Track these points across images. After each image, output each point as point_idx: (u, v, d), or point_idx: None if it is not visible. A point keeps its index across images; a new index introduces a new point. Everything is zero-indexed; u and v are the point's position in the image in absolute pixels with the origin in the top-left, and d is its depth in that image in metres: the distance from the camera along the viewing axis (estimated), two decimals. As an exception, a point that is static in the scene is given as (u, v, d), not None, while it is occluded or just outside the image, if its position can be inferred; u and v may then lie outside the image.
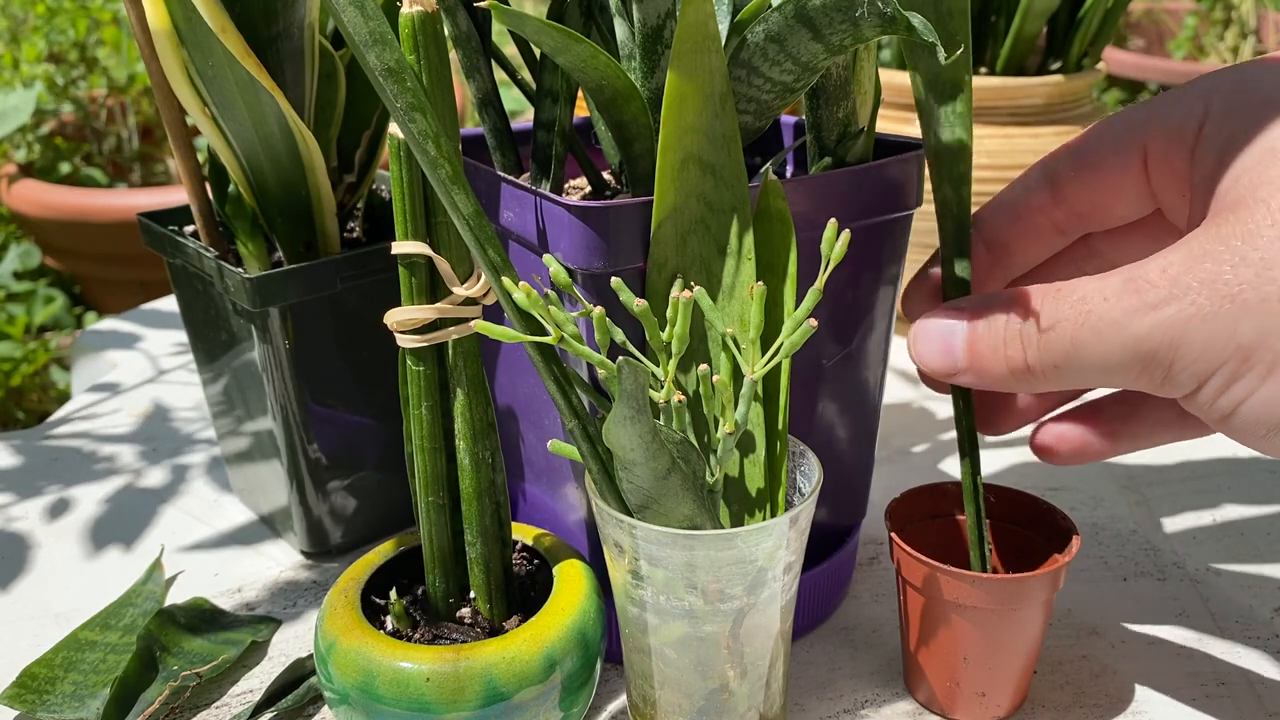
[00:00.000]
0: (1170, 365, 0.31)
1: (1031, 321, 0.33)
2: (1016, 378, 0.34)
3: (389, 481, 0.54)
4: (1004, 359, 0.34)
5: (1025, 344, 0.33)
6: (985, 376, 0.35)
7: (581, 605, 0.37)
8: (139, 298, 1.26)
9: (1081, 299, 0.32)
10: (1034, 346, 0.33)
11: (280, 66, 0.45)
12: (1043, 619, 0.40)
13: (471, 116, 1.65)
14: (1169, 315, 0.30)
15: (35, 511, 0.59)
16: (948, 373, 0.35)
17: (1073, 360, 0.32)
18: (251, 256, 0.50)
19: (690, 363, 0.36)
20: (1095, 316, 0.31)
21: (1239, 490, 0.58)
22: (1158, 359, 0.31)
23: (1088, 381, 0.33)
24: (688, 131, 0.34)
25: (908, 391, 0.72)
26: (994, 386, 0.35)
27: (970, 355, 0.35)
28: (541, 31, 0.32)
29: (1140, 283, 0.31)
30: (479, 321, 0.34)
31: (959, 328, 0.35)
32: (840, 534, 0.48)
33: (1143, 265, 0.31)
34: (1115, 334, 0.31)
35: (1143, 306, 0.31)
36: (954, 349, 0.35)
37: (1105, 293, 0.31)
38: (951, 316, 0.35)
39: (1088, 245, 0.40)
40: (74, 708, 0.42)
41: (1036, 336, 0.33)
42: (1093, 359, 0.32)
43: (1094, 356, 0.32)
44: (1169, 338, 0.30)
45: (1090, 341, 0.32)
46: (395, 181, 0.34)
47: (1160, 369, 0.31)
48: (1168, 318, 0.30)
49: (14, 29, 1.67)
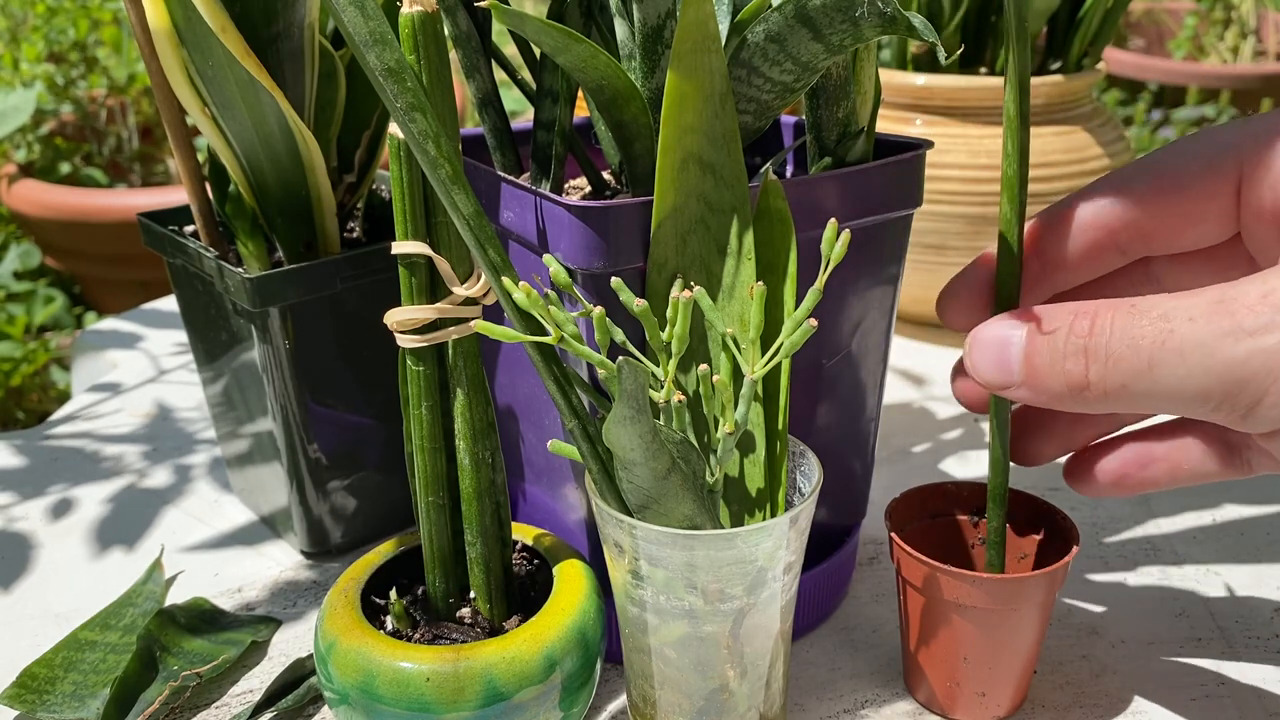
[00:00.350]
0: (1261, 399, 0.29)
1: (1101, 336, 0.31)
2: (1074, 395, 0.32)
3: (389, 481, 0.54)
4: (1062, 374, 0.32)
5: (1090, 359, 0.31)
6: (1041, 392, 0.32)
7: (581, 605, 0.37)
8: (139, 298, 1.26)
9: (1163, 316, 0.30)
10: (1100, 363, 0.31)
11: (280, 66, 0.45)
12: (1043, 619, 0.40)
13: (471, 116, 1.65)
14: (1269, 344, 0.28)
15: (36, 512, 0.59)
16: (1002, 385, 0.33)
17: (1144, 381, 0.30)
18: (251, 256, 0.50)
19: (690, 363, 0.36)
20: (1179, 337, 0.29)
21: (1239, 490, 0.58)
22: (1247, 390, 0.29)
23: (1152, 406, 0.31)
24: (688, 131, 0.34)
25: (908, 391, 0.72)
26: (1048, 403, 0.33)
27: (1027, 369, 0.33)
28: (541, 31, 0.32)
29: (1235, 305, 0.29)
30: (479, 321, 0.34)
31: (1017, 338, 0.33)
32: (840, 534, 0.48)
33: (1237, 285, 0.29)
34: (1201, 358, 0.29)
35: (1238, 331, 0.28)
36: (1009, 361, 0.33)
37: (1192, 312, 0.29)
38: (1010, 326, 0.33)
39: (1145, 269, 0.38)
40: (74, 708, 0.42)
41: (1105, 352, 0.31)
42: (1169, 382, 0.30)
43: (1170, 380, 0.29)
44: (1266, 367, 0.28)
45: (1170, 362, 0.29)
46: (395, 181, 0.34)
47: (1246, 401, 0.29)
48: (1268, 346, 0.28)
49: (14, 29, 1.67)
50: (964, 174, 0.69)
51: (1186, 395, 0.30)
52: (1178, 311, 0.30)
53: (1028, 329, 0.33)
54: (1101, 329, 0.31)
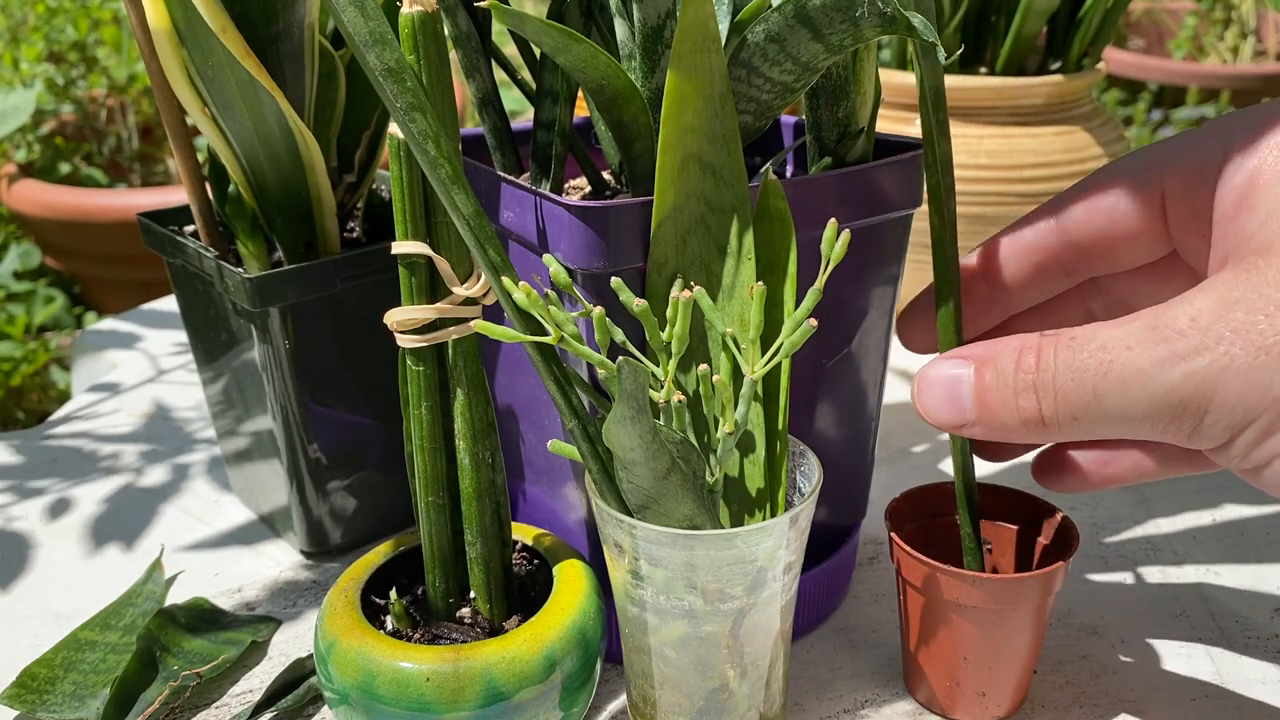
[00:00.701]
0: (1202, 418, 0.30)
1: (1047, 371, 0.31)
2: (1030, 429, 0.32)
3: (389, 481, 0.54)
4: (1016, 410, 0.32)
5: (1040, 394, 0.32)
6: (996, 429, 0.33)
7: (581, 605, 0.37)
8: (139, 298, 1.26)
9: (1101, 347, 0.30)
10: (1049, 397, 0.31)
11: (280, 66, 0.45)
12: (1043, 619, 0.40)
13: (471, 116, 1.65)
14: (1201, 366, 0.29)
15: (35, 511, 0.59)
16: (955, 425, 0.34)
17: (1093, 412, 0.31)
18: (251, 256, 0.50)
19: (690, 363, 0.36)
20: (1119, 366, 0.30)
21: (1239, 490, 0.58)
22: (1188, 411, 0.30)
23: (1108, 433, 0.32)
24: (688, 131, 0.34)
25: (908, 391, 0.72)
26: (1006, 439, 0.33)
27: (980, 407, 0.33)
28: (541, 31, 0.32)
29: (1167, 331, 0.30)
30: (479, 321, 0.34)
31: (965, 377, 0.33)
32: (840, 534, 0.48)
33: (1167, 310, 0.30)
34: (1141, 385, 0.30)
35: (1172, 356, 0.29)
36: (961, 400, 0.33)
37: (1128, 340, 0.30)
38: (957, 365, 0.34)
39: (1095, 285, 0.39)
40: (74, 708, 0.42)
41: (1053, 387, 0.31)
42: (1116, 410, 0.30)
43: (1118, 408, 0.30)
44: (1202, 389, 0.29)
45: (1114, 392, 0.30)
46: (395, 181, 0.34)
47: (1190, 421, 0.30)
48: (1200, 368, 0.29)
49: (14, 29, 1.67)
50: (964, 174, 0.69)
51: (1136, 420, 0.30)
52: (1115, 341, 0.30)
53: (974, 367, 0.33)
54: (1046, 364, 0.31)
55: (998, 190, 0.69)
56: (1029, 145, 0.69)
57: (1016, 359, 0.32)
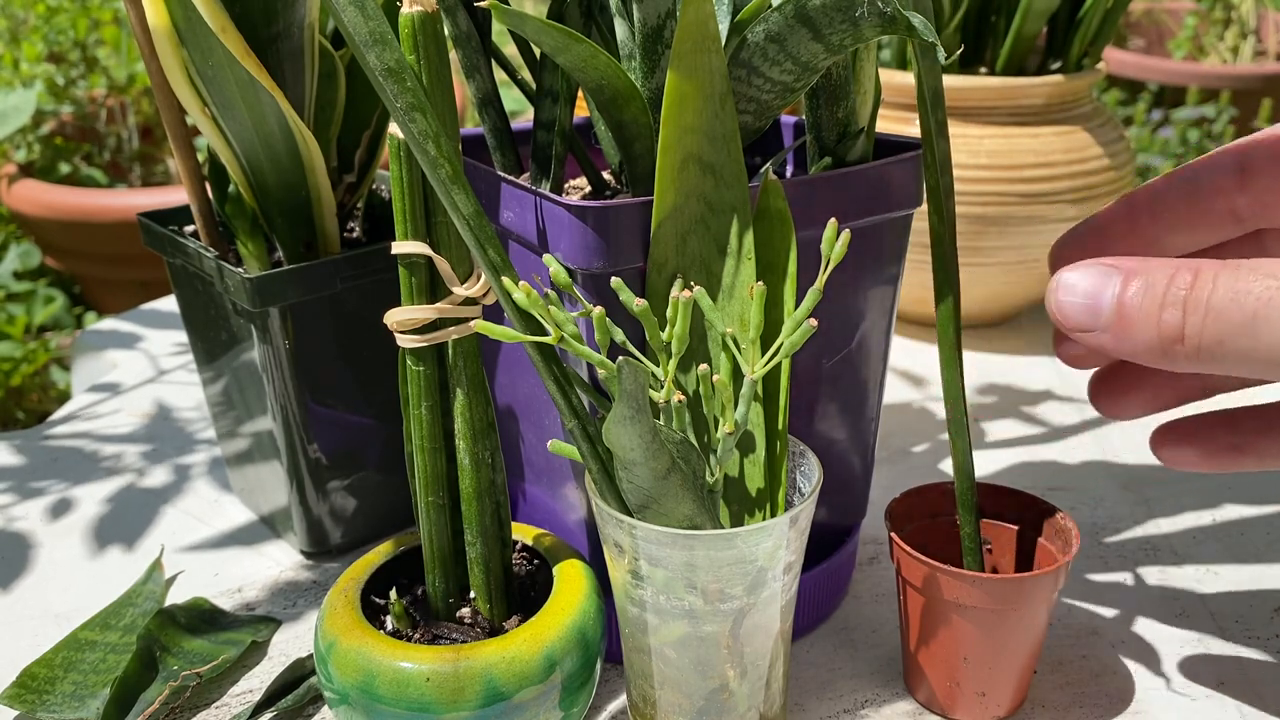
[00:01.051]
0: None
1: (1204, 289, 0.29)
2: (1164, 349, 0.30)
3: (389, 481, 0.54)
4: (1156, 325, 0.30)
5: (1189, 311, 0.30)
6: (1127, 342, 0.31)
7: (581, 605, 0.37)
8: (139, 298, 1.26)
9: (1271, 274, 0.29)
10: (1199, 315, 0.29)
11: (280, 66, 0.45)
12: (1043, 619, 0.40)
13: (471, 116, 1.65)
14: None
15: (35, 511, 0.59)
16: (1084, 329, 0.32)
17: (1244, 339, 0.29)
18: (251, 256, 0.50)
19: (690, 363, 0.36)
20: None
21: (1239, 490, 0.58)
22: None
23: (1247, 368, 0.30)
24: (688, 131, 0.34)
25: (908, 391, 0.72)
26: (1131, 355, 0.31)
27: (1119, 314, 0.31)
28: (541, 31, 0.32)
29: None
30: (479, 321, 0.34)
31: (1113, 281, 0.31)
32: (840, 534, 0.48)
33: None
34: None
35: None
36: (1101, 303, 0.31)
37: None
38: (1104, 272, 0.32)
39: (1258, 241, 0.37)
40: (74, 708, 0.42)
41: (1205, 306, 0.29)
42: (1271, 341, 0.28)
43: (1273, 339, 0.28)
44: None
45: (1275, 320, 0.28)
46: (395, 181, 0.34)
47: None
48: None
49: (14, 29, 1.67)
50: (964, 174, 0.69)
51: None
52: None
53: (1124, 274, 0.31)
54: (1204, 283, 0.30)
55: (998, 190, 0.69)
56: (1029, 145, 0.69)
57: (1172, 274, 0.30)
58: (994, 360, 0.75)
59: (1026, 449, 0.63)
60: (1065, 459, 0.62)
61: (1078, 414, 0.68)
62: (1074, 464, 0.61)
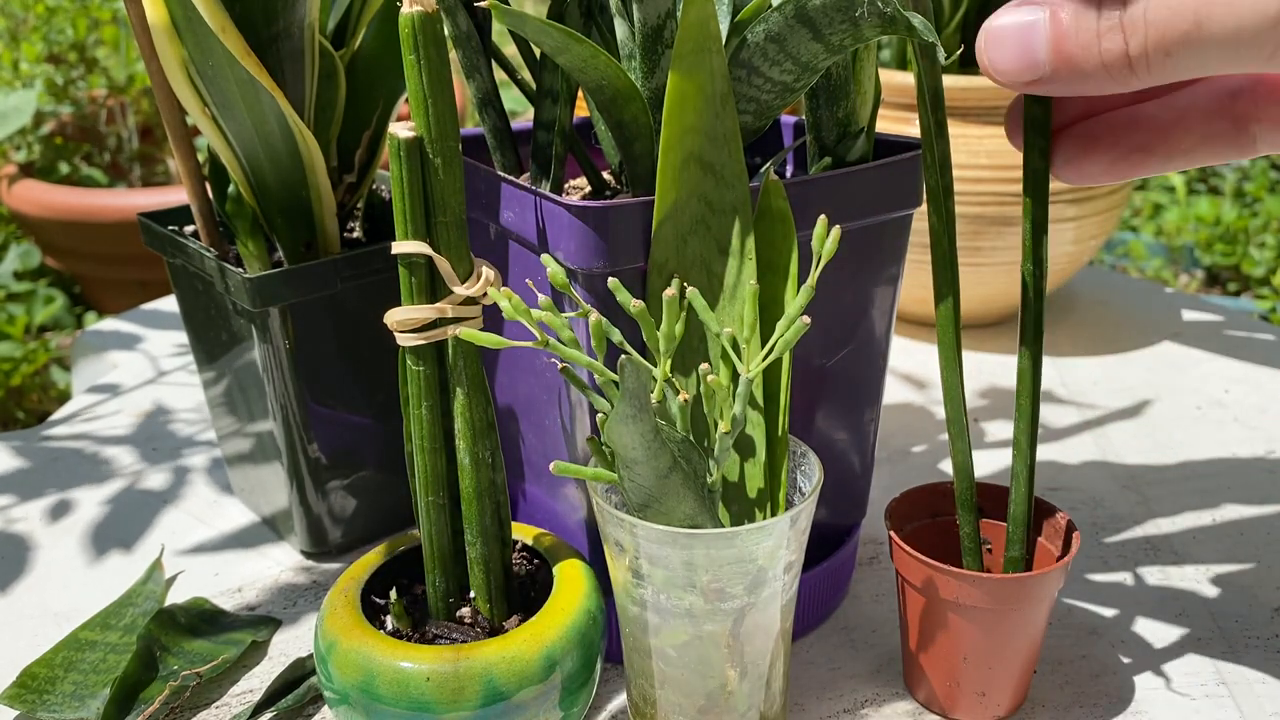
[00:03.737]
0: None
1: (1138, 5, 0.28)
2: (1113, 74, 0.29)
3: (389, 481, 0.54)
4: (1098, 54, 0.29)
5: (1129, 33, 0.28)
6: (1075, 77, 0.30)
7: (581, 605, 0.37)
8: (139, 298, 1.26)
9: None
10: (1139, 33, 0.28)
11: (280, 66, 0.45)
12: (1043, 619, 0.40)
13: (471, 116, 1.65)
14: None
15: (35, 512, 0.59)
16: (1028, 79, 0.30)
17: (1194, 41, 0.28)
18: (251, 256, 0.50)
19: (692, 363, 0.36)
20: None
21: (1239, 490, 0.58)
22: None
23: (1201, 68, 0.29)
24: (689, 132, 0.34)
25: (908, 392, 0.72)
26: (1084, 89, 0.30)
27: (1056, 55, 0.30)
28: (541, 31, 0.32)
29: None
30: (464, 330, 0.34)
31: (1039, 23, 0.30)
32: (840, 534, 0.48)
33: None
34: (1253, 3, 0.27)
35: None
36: (1034, 50, 0.30)
37: None
38: (1028, 11, 0.30)
39: None
40: (74, 708, 0.42)
41: (1143, 21, 0.28)
42: (1220, 37, 0.27)
43: (1222, 33, 0.27)
44: None
45: (1218, 15, 0.27)
46: (395, 181, 0.34)
47: None
48: None
49: (14, 29, 1.67)
50: (964, 174, 0.69)
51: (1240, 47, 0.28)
52: None
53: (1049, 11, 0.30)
54: None
55: (998, 190, 0.69)
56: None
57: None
58: (994, 360, 0.75)
59: (1026, 449, 0.63)
60: (1065, 459, 0.62)
61: (1078, 414, 0.68)
62: (1074, 464, 0.61)
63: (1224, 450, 0.63)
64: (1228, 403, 0.69)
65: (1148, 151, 0.36)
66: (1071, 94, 0.31)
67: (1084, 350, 0.77)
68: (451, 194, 0.34)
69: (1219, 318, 0.83)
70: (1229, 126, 0.35)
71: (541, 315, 0.33)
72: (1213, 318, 0.83)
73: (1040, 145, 0.36)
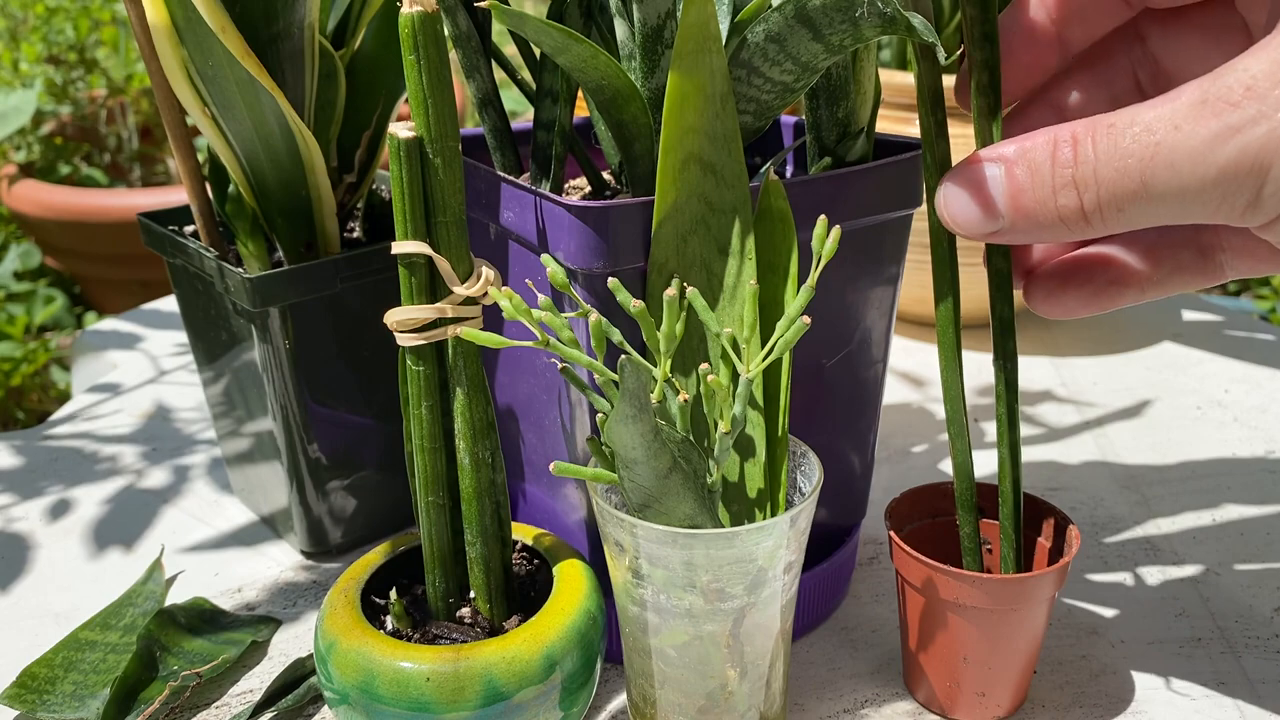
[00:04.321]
0: (1259, 190, 0.28)
1: (1087, 164, 0.29)
2: (1070, 226, 0.30)
3: (389, 481, 0.54)
4: (1054, 209, 0.30)
5: (1081, 189, 0.30)
6: (1032, 230, 0.31)
7: (581, 605, 0.37)
8: (139, 298, 1.26)
9: (1146, 129, 0.28)
10: (1091, 191, 0.29)
11: (280, 66, 0.45)
12: (1043, 619, 0.40)
13: (471, 116, 1.65)
14: (1259, 136, 0.27)
15: (35, 512, 0.59)
16: (986, 232, 0.32)
17: (1140, 200, 0.29)
18: (251, 256, 0.50)
19: (693, 364, 0.36)
20: (1166, 149, 0.28)
21: (1239, 490, 0.58)
22: (1245, 185, 0.28)
23: (1153, 220, 0.30)
24: (689, 132, 0.34)
25: (908, 391, 0.72)
26: (1041, 240, 0.31)
27: (1014, 210, 0.31)
28: (541, 31, 0.32)
29: (1218, 104, 0.27)
30: (464, 330, 0.34)
31: (996, 178, 0.31)
32: (840, 534, 0.48)
33: (1216, 80, 0.28)
34: (1193, 166, 0.28)
35: (1225, 130, 0.27)
36: (992, 203, 0.31)
37: (1175, 119, 0.28)
38: (986, 166, 0.31)
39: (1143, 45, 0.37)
40: (74, 708, 0.42)
41: (1094, 180, 0.29)
42: (1165, 195, 0.28)
43: (1167, 192, 0.28)
44: (1259, 160, 0.27)
45: (1163, 177, 0.28)
46: (395, 181, 0.34)
47: (1246, 195, 0.28)
48: (1258, 139, 0.27)
49: (13, 29, 1.67)
50: (964, 174, 0.69)
51: (1185, 203, 0.29)
52: (1160, 121, 0.28)
53: (1004, 167, 0.31)
54: (1085, 155, 0.30)
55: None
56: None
57: (1052, 153, 0.30)
58: (994, 360, 0.75)
59: (1026, 449, 0.63)
60: (1065, 459, 0.62)
61: (1078, 414, 0.68)
62: (1074, 464, 0.61)
63: (1224, 450, 0.63)
64: (1228, 403, 0.69)
65: (1122, 285, 0.37)
66: (1030, 242, 0.32)
67: (1084, 350, 0.78)
68: (451, 194, 0.34)
69: (1219, 318, 0.83)
70: (1196, 256, 0.36)
71: (541, 315, 0.33)
72: (1213, 318, 0.83)
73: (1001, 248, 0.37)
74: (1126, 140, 0.29)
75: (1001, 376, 0.38)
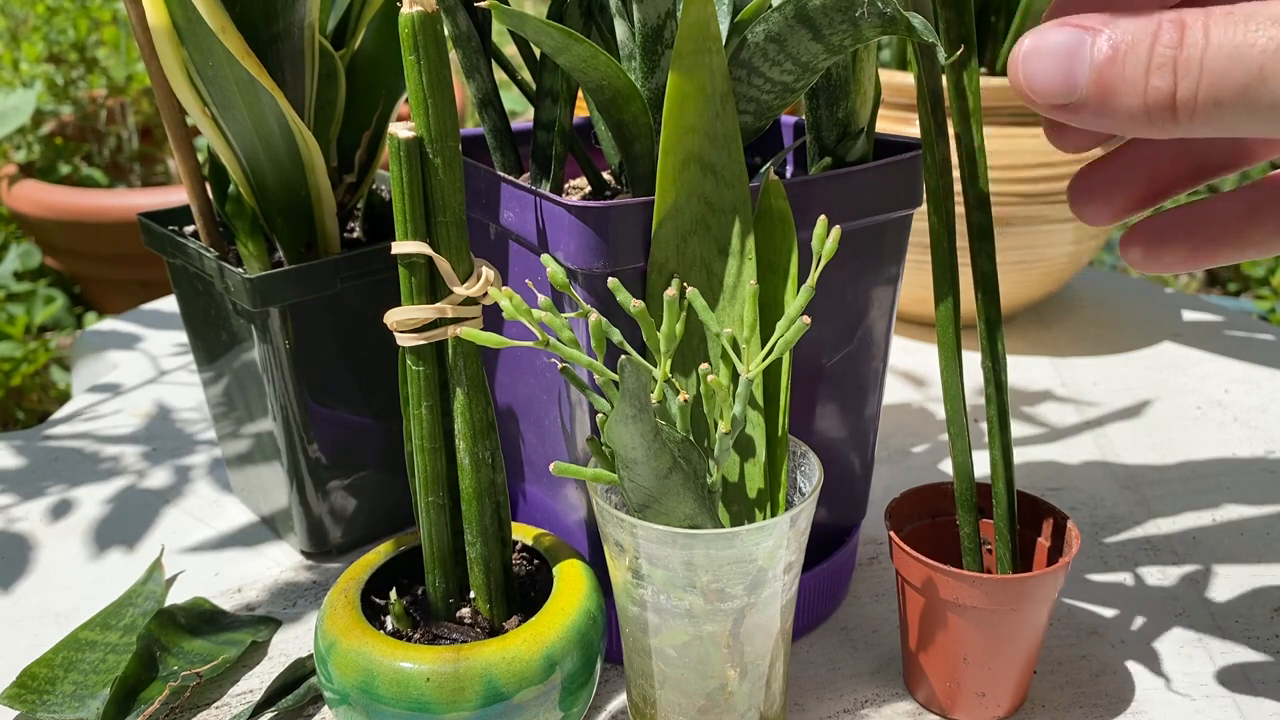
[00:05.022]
0: None
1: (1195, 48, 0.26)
2: (1153, 116, 0.27)
3: (389, 481, 0.54)
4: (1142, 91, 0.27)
5: (1180, 74, 0.26)
6: (1109, 112, 0.28)
7: (581, 605, 0.37)
8: (139, 298, 1.26)
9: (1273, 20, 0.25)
10: (1192, 78, 0.26)
11: (280, 66, 0.45)
12: (1043, 619, 0.40)
13: (471, 116, 1.65)
14: None
15: (36, 512, 0.59)
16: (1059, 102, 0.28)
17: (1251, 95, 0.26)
18: (251, 256, 0.50)
19: (693, 364, 0.36)
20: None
21: (1239, 490, 0.58)
22: None
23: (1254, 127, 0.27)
24: (689, 132, 0.34)
25: (908, 391, 0.72)
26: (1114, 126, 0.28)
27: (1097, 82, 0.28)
28: (541, 31, 0.32)
29: None
30: (464, 330, 0.34)
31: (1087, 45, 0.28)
32: (840, 534, 0.48)
33: None
34: None
35: None
36: (1075, 72, 0.28)
37: None
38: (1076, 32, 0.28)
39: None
40: (74, 708, 0.42)
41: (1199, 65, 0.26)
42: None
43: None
44: None
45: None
46: (395, 181, 0.34)
47: None
48: None
49: (14, 29, 1.67)
50: (964, 174, 0.69)
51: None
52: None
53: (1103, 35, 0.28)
54: (1194, 39, 0.26)
55: (998, 190, 0.69)
56: (1029, 145, 0.69)
57: (1155, 30, 0.27)
58: (994, 360, 0.75)
59: (1026, 449, 0.63)
60: (1065, 459, 0.62)
61: (1078, 414, 0.68)
62: (1074, 464, 0.61)
63: (1224, 450, 0.63)
64: (1228, 403, 0.69)
65: (1221, 243, 0.35)
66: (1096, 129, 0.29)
67: (1084, 350, 0.78)
68: (451, 194, 0.34)
69: (1219, 318, 0.83)
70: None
71: (541, 315, 0.33)
72: (1212, 318, 0.83)
73: (986, 250, 0.37)
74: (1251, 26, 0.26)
75: (991, 379, 0.38)
